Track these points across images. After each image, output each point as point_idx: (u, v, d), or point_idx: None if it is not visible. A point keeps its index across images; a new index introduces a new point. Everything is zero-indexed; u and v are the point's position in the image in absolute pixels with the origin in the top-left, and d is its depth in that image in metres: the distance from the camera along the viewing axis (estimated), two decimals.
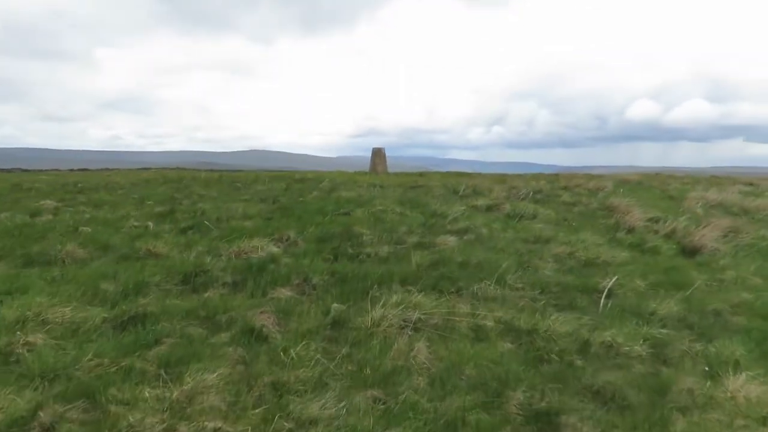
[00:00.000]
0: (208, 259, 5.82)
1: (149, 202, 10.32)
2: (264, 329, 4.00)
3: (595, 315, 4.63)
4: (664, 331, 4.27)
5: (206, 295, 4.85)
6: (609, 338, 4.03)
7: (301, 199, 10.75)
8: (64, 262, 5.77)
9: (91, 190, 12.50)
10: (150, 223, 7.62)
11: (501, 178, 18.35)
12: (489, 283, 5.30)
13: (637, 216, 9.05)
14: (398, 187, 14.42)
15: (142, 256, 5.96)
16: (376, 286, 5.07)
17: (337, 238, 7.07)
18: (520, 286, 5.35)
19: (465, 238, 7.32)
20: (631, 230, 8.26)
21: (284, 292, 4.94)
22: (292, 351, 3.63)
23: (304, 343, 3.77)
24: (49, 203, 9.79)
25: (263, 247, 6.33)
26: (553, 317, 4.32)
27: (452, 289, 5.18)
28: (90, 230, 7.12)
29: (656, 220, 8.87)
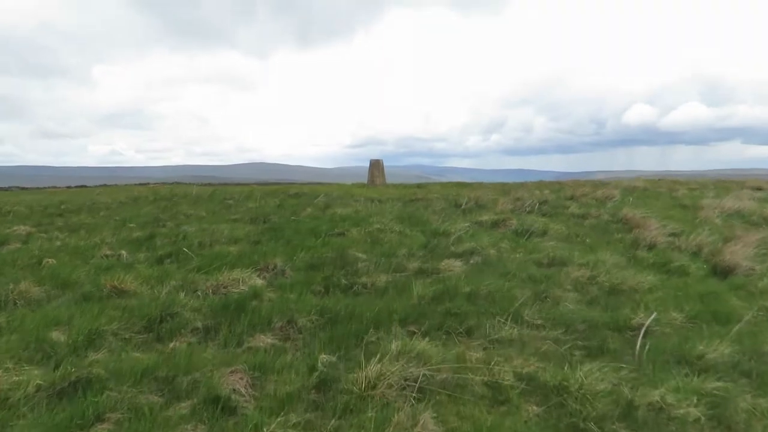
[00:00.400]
0: (181, 296, 5.05)
1: (131, 225, 9.57)
2: (233, 396, 3.22)
3: (633, 361, 3.87)
4: (719, 384, 3.50)
5: (171, 345, 4.08)
6: (657, 398, 3.26)
7: (293, 217, 10.00)
8: (15, 304, 5.00)
9: (72, 212, 11.76)
10: (123, 252, 6.86)
11: (504, 189, 17.63)
12: (503, 319, 4.54)
13: (655, 230, 8.29)
14: (397, 200, 13.69)
15: (106, 294, 5.19)
16: (372, 329, 4.31)
17: (329, 265, 6.31)
18: (539, 322, 4.58)
19: (471, 261, 6.56)
20: (651, 247, 7.49)
21: (264, 340, 4.17)
22: (265, 430, 2.86)
23: (281, 416, 3.00)
24: (23, 229, 9.04)
25: (245, 280, 5.56)
26: (585, 368, 3.55)
27: (461, 329, 4.41)
28: (55, 262, 6.36)
29: (677, 235, 8.11)
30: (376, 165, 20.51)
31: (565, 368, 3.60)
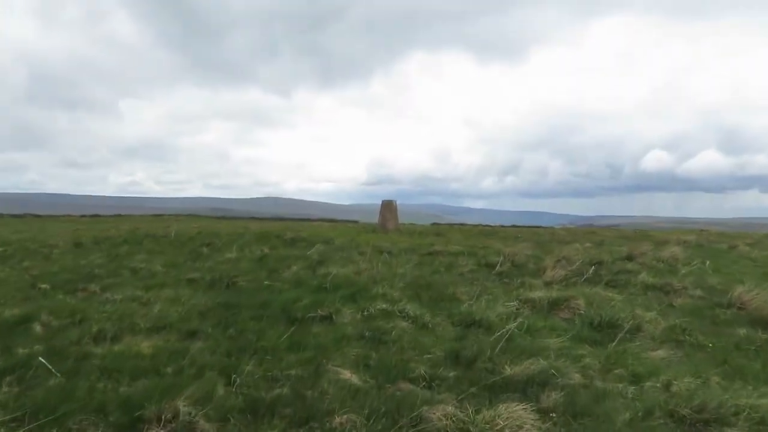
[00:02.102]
0: None
1: (42, 286, 6.68)
2: None
3: None
4: None
5: None
6: None
7: (268, 282, 7.02)
8: None
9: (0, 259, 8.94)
10: None
11: (537, 240, 14.52)
12: None
13: None
14: (411, 253, 10.70)
15: None
16: None
17: (286, 408, 3.28)
18: None
19: (546, 402, 3.48)
20: None
21: None
22: None
23: None
24: None
25: None
26: None
27: None
28: None
29: None
30: (388, 206, 17.61)
31: None
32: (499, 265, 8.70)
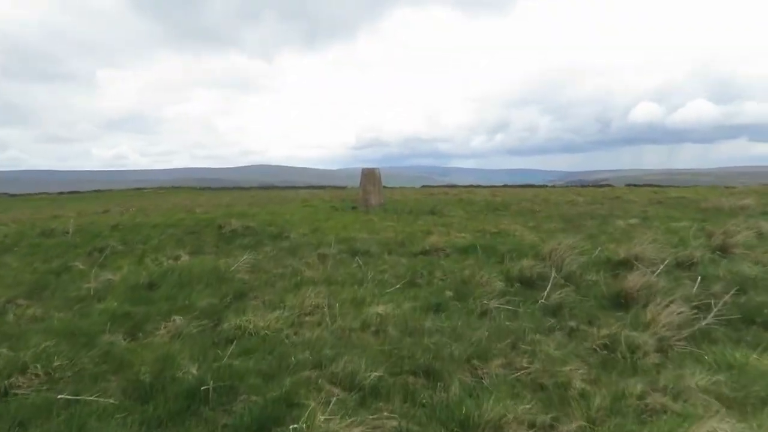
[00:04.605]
0: None
1: None
2: None
3: None
4: None
5: None
6: None
7: (72, 396, 3.07)
8: None
9: None
10: None
11: (554, 207, 10.63)
12: None
13: None
14: (398, 251, 6.81)
15: None
16: None
17: None
18: None
19: None
20: None
21: None
22: None
23: None
24: None
25: None
26: None
27: None
28: None
29: None
30: (370, 177, 13.55)
31: None
32: (550, 285, 4.80)
